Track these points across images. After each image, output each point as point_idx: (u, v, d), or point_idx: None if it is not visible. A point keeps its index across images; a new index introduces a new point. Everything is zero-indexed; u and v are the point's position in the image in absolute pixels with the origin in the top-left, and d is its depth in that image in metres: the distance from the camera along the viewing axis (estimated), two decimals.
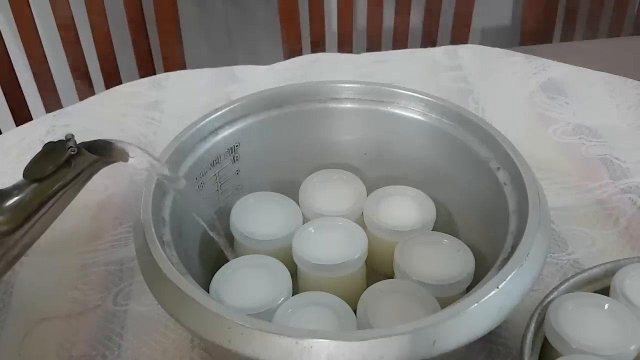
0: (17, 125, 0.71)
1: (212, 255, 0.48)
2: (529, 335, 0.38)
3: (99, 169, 0.38)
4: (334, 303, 0.42)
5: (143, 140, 0.66)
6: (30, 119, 0.96)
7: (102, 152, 0.38)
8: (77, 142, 0.37)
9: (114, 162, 0.39)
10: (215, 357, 0.45)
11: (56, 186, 0.37)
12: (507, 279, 0.35)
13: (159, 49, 1.00)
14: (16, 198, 0.36)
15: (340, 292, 0.43)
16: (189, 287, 0.36)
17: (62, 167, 0.36)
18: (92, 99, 0.74)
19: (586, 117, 0.67)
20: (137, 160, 0.39)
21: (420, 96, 0.50)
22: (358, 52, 0.82)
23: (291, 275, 0.44)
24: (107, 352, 0.46)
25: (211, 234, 0.45)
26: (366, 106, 0.51)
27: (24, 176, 0.37)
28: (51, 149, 0.37)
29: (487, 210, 0.46)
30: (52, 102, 1.00)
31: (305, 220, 0.49)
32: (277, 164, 0.53)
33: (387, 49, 0.84)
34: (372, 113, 0.51)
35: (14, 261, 0.39)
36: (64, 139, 0.37)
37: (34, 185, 0.37)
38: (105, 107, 0.72)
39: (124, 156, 0.39)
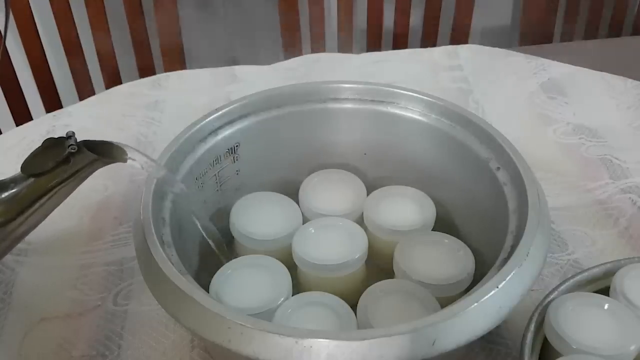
0: (17, 125, 0.71)
1: (212, 255, 0.48)
2: (529, 335, 0.38)
3: (97, 168, 0.38)
4: (334, 303, 0.42)
5: (143, 140, 0.66)
6: (30, 119, 0.96)
7: (101, 151, 0.38)
8: (77, 140, 0.37)
9: (112, 162, 0.39)
10: (215, 357, 0.45)
11: (53, 182, 0.37)
12: (507, 278, 0.35)
13: (159, 49, 1.00)
14: (12, 191, 0.36)
15: (340, 292, 0.43)
16: (189, 287, 0.36)
17: (61, 164, 0.36)
18: (92, 99, 0.74)
19: (586, 117, 0.67)
20: (135, 162, 0.39)
21: (420, 96, 0.50)
22: (358, 52, 0.82)
23: (291, 275, 0.44)
24: (107, 352, 0.46)
25: (206, 236, 0.45)
26: (366, 106, 0.51)
27: (21, 170, 0.37)
28: (51, 145, 0.37)
29: (487, 210, 0.46)
30: (52, 102, 1.00)
31: (305, 220, 0.49)
32: (277, 164, 0.53)
33: (387, 49, 0.84)
34: (372, 113, 0.51)
35: (3, 254, 0.39)
36: (65, 136, 0.37)
37: (31, 180, 0.36)
38: (105, 107, 0.72)
39: (122, 157, 0.39)
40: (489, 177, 0.45)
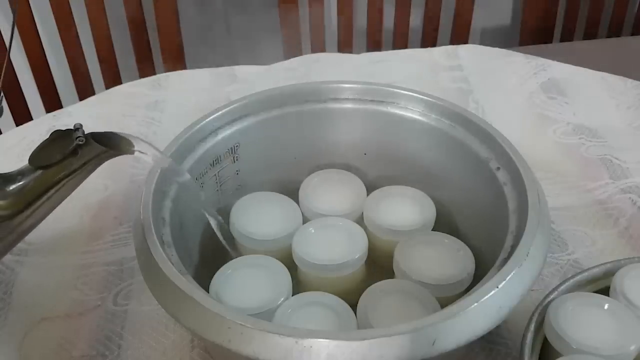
0: (17, 125, 0.71)
1: (212, 255, 0.48)
2: (529, 335, 0.38)
3: (105, 160, 0.38)
4: (334, 303, 0.42)
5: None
6: (30, 119, 0.96)
7: (109, 143, 0.38)
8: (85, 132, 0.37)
9: (120, 154, 0.38)
10: (215, 357, 0.45)
11: (61, 174, 0.37)
12: (507, 278, 0.35)
13: (159, 49, 1.00)
14: (20, 183, 0.36)
15: (340, 292, 0.43)
16: (189, 287, 0.36)
17: (69, 156, 0.36)
18: (92, 99, 0.74)
19: (586, 117, 0.67)
20: (142, 154, 0.39)
21: (420, 96, 0.50)
22: (358, 52, 0.82)
23: (291, 275, 0.44)
24: (107, 352, 0.46)
25: (213, 227, 0.45)
26: (366, 106, 0.51)
27: (29, 162, 0.37)
28: (59, 137, 0.37)
29: (487, 210, 0.46)
30: (52, 102, 1.00)
31: (305, 220, 0.49)
32: (277, 164, 0.53)
33: (387, 49, 0.84)
34: (372, 113, 0.51)
35: (10, 247, 0.39)
36: (73, 128, 0.37)
37: (39, 172, 0.36)
38: (105, 107, 0.72)
39: (129, 148, 0.39)
40: (489, 177, 0.45)
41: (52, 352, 0.46)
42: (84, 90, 1.00)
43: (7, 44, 0.38)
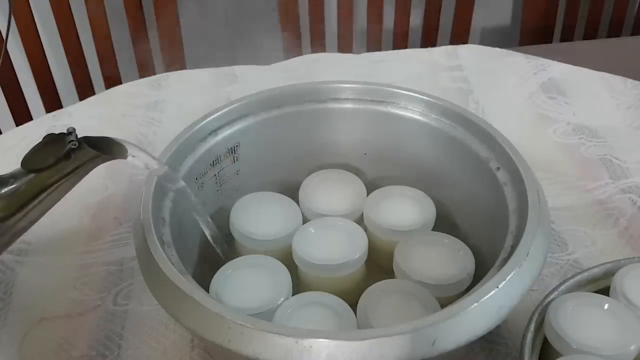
0: (17, 125, 0.71)
1: (212, 255, 0.48)
2: (529, 335, 0.38)
3: (98, 164, 0.38)
4: (334, 303, 0.42)
5: (143, 140, 0.66)
6: (30, 119, 0.96)
7: (102, 148, 0.38)
8: (78, 136, 0.37)
9: (113, 158, 0.39)
10: (215, 357, 0.45)
11: (53, 178, 0.37)
12: (507, 278, 0.36)
13: (159, 49, 1.00)
14: (12, 186, 0.36)
15: (340, 292, 0.43)
16: (189, 287, 0.36)
17: (62, 159, 0.36)
18: (92, 99, 0.74)
19: (586, 117, 0.67)
20: (135, 159, 0.39)
21: (420, 96, 0.50)
22: (358, 52, 0.82)
23: (291, 275, 0.44)
24: (107, 352, 0.46)
25: (206, 233, 0.45)
26: (366, 106, 0.51)
27: (22, 165, 0.37)
28: (52, 141, 0.37)
29: (487, 210, 0.46)
30: (52, 102, 1.00)
31: (305, 220, 0.49)
32: (277, 164, 0.53)
33: (387, 49, 0.84)
34: (372, 113, 0.51)
35: (2, 249, 0.39)
36: (66, 132, 0.37)
37: (31, 175, 0.36)
38: (105, 107, 0.72)
39: (123, 153, 0.39)
40: (489, 177, 0.45)
41: (52, 353, 0.46)
42: (84, 90, 1.00)
43: (4, 34, 0.38)
